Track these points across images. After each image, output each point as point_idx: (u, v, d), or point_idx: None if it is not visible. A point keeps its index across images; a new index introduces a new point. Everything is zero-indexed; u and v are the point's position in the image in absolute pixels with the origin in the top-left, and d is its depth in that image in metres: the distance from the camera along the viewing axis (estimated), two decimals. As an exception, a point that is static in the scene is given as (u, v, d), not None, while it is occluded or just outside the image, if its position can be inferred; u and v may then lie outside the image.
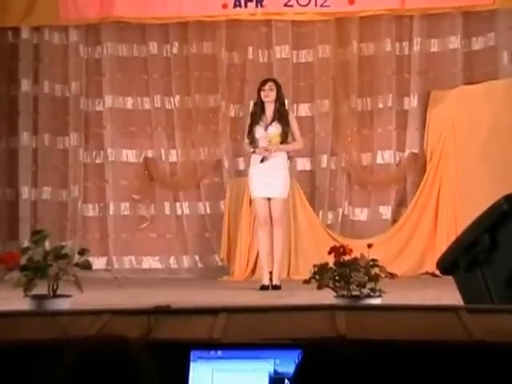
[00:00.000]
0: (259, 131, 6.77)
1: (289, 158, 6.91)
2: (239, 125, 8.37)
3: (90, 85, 8.45)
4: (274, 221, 6.73)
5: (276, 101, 6.81)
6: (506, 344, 2.86)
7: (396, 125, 8.25)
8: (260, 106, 6.84)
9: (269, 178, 6.67)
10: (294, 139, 6.84)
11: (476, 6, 7.99)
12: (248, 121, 6.90)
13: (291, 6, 8.08)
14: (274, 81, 7.01)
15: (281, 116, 6.77)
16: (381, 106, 8.26)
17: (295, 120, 6.98)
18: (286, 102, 8.21)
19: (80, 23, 8.35)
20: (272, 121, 6.76)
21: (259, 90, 6.85)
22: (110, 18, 8.25)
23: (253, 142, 6.77)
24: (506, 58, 8.04)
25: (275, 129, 6.74)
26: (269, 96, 6.80)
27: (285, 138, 6.75)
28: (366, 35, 8.26)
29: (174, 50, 8.41)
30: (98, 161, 8.45)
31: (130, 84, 8.45)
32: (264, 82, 6.90)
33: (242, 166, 8.37)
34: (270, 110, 6.80)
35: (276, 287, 6.56)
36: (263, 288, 6.57)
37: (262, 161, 6.70)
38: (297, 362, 2.08)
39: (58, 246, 4.96)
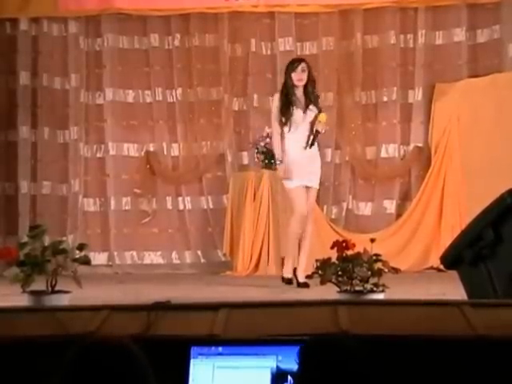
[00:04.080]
0: (299, 113, 6.30)
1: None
2: (242, 118, 8.33)
3: (91, 77, 8.39)
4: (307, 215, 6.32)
5: (307, 83, 6.35)
6: (509, 338, 2.83)
7: (400, 118, 8.20)
8: (291, 87, 6.35)
9: (310, 165, 6.29)
10: None
11: (481, -3, 7.95)
12: (277, 103, 6.44)
13: (294, -3, 8.05)
14: (305, 61, 6.53)
15: (313, 98, 6.36)
16: (385, 99, 8.21)
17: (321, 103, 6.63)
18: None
19: (80, 15, 8.30)
20: (307, 103, 6.31)
21: (289, 72, 6.37)
22: (110, 10, 8.20)
23: (288, 123, 6.30)
24: (511, 51, 7.98)
25: (314, 112, 6.31)
26: (302, 79, 6.33)
27: None
28: (370, 27, 8.21)
29: (176, 43, 8.35)
30: (98, 155, 8.40)
31: (131, 77, 8.39)
32: (296, 63, 6.42)
33: (245, 160, 8.32)
34: (300, 91, 6.37)
35: (305, 285, 6.03)
36: (289, 282, 6.23)
37: (311, 145, 6.24)
38: (299, 357, 2.04)
39: (57, 241, 4.91)
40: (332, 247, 4.77)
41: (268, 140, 7.65)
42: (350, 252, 4.66)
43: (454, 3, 8.07)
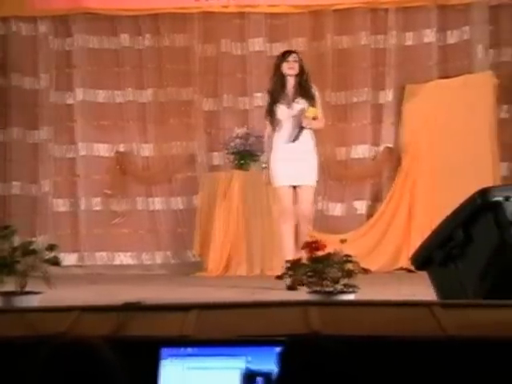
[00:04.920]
0: (282, 110, 6.18)
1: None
2: (213, 118, 8.32)
3: (60, 77, 8.33)
4: (301, 213, 6.15)
5: (298, 74, 6.22)
6: (479, 339, 2.85)
7: (371, 119, 8.23)
8: (280, 80, 6.24)
9: (296, 162, 6.07)
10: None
11: (451, -1, 8.01)
12: (266, 102, 6.39)
13: (265, -3, 8.05)
14: (297, 53, 6.48)
15: (304, 91, 6.18)
16: (356, 99, 8.24)
17: (319, 95, 6.46)
18: (260, 95, 8.25)
19: (49, 14, 8.24)
20: (295, 97, 6.18)
21: (280, 62, 6.27)
22: (79, 9, 8.14)
23: (273, 123, 6.18)
24: (481, 52, 8.06)
25: (301, 105, 6.15)
26: (294, 68, 6.20)
27: None
28: (340, 28, 8.23)
29: (146, 43, 8.32)
30: (69, 155, 8.34)
31: (102, 77, 8.34)
32: (287, 53, 6.34)
33: (216, 161, 8.31)
34: (290, 84, 6.24)
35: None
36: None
37: (294, 139, 6.09)
38: (278, 359, 2.04)
39: (27, 241, 4.88)
40: (303, 248, 4.78)
41: (238, 141, 7.65)
42: (320, 253, 4.67)
43: (424, 4, 8.12)
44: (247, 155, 7.66)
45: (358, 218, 8.14)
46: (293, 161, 6.10)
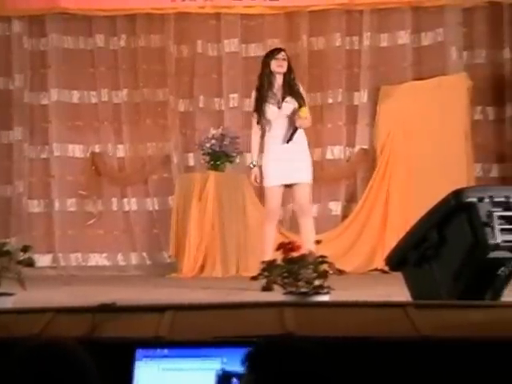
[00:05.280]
0: (272, 110, 6.09)
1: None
2: (188, 119, 8.31)
3: (35, 78, 8.27)
4: (302, 210, 6.12)
5: (286, 73, 6.13)
6: (453, 339, 2.87)
7: (346, 120, 8.25)
8: (268, 77, 6.13)
9: (292, 162, 6.01)
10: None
11: (424, 1, 8.05)
12: (253, 101, 6.27)
13: (240, -1, 8.05)
14: (285, 50, 6.41)
15: (292, 90, 6.11)
16: (331, 100, 8.26)
17: (305, 94, 6.40)
18: (236, 96, 8.26)
19: (23, 14, 8.17)
20: (284, 96, 6.09)
21: (269, 60, 6.16)
22: (54, 9, 8.08)
23: (261, 122, 6.11)
24: (455, 54, 8.12)
25: (291, 104, 6.08)
26: (282, 66, 6.10)
27: None
28: (315, 29, 8.25)
29: (122, 43, 8.28)
30: (43, 156, 8.29)
31: (76, 77, 8.30)
32: (276, 51, 6.26)
33: (191, 162, 8.30)
34: (279, 82, 6.15)
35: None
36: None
37: (288, 141, 6.02)
38: (247, 360, 2.04)
39: (0, 242, 4.83)
40: (277, 249, 4.77)
41: (214, 141, 7.64)
42: (295, 254, 4.67)
43: (399, 6, 8.16)
44: (222, 156, 7.65)
45: (333, 219, 8.16)
46: (287, 161, 6.04)
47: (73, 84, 8.29)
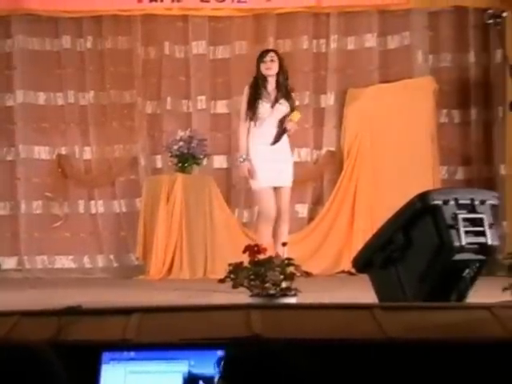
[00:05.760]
0: (265, 108, 6.04)
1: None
2: (156, 121, 8.28)
3: (0, 79, 8.18)
4: (281, 213, 6.04)
5: (278, 74, 6.11)
6: (419, 340, 2.89)
7: (313, 122, 8.28)
8: (261, 80, 6.10)
9: (277, 163, 6.00)
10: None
11: (391, 4, 8.10)
12: (245, 97, 6.21)
13: (208, 1, 8.02)
14: (275, 51, 6.40)
15: (286, 92, 6.10)
16: (298, 103, 8.23)
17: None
18: (203, 98, 8.24)
19: (-13, 15, 8.11)
20: (277, 97, 6.06)
21: (259, 63, 6.14)
22: (20, 10, 7.99)
23: (253, 118, 6.04)
24: (421, 57, 8.19)
25: (284, 107, 6.07)
26: (271, 68, 6.07)
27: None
28: (283, 32, 8.27)
29: (88, 45, 8.23)
30: (8, 158, 8.19)
31: (43, 79, 8.22)
32: (264, 53, 6.22)
33: (158, 164, 8.27)
34: (271, 84, 6.12)
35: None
36: None
37: (274, 142, 6.01)
38: (220, 363, 2.04)
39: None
40: (244, 251, 4.77)
41: (181, 144, 7.63)
42: (262, 256, 4.67)
43: (366, 9, 8.20)
44: (190, 158, 7.64)
45: (299, 221, 8.18)
46: (274, 162, 6.02)
47: (39, 85, 8.22)
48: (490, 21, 5.68)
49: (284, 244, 4.71)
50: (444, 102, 8.16)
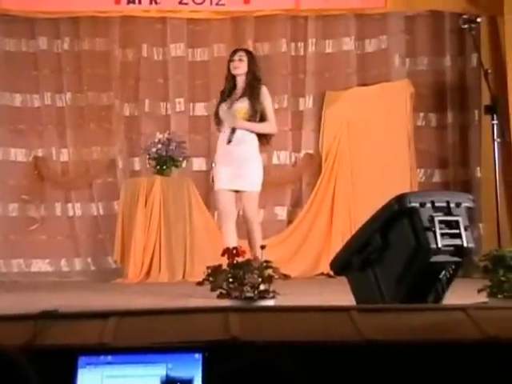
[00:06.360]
0: (222, 109, 5.92)
1: (262, 141, 5.97)
2: (134, 123, 8.25)
3: (-24, 81, 8.15)
4: (246, 219, 5.93)
5: (248, 73, 5.95)
6: (396, 342, 2.90)
7: (292, 125, 8.29)
8: (231, 80, 5.98)
9: (235, 168, 5.84)
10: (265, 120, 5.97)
11: (368, 8, 8.12)
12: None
13: (186, 3, 8.00)
14: (246, 50, 6.26)
15: (251, 90, 5.90)
16: (276, 106, 8.26)
17: (270, 98, 6.10)
18: (182, 100, 8.22)
19: (-37, 15, 8.05)
20: (240, 96, 5.91)
21: (228, 62, 6.03)
22: (-5, 11, 7.98)
23: (218, 122, 5.96)
24: (398, 60, 8.23)
25: (241, 104, 5.89)
26: (238, 67, 5.93)
27: (253, 115, 5.85)
28: (261, 35, 8.28)
29: (65, 46, 8.18)
30: (-16, 160, 8.16)
31: (19, 80, 8.16)
32: (234, 52, 6.09)
33: (137, 166, 8.24)
34: (240, 84, 5.97)
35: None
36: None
37: (228, 141, 5.82)
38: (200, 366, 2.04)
39: None
40: (223, 254, 4.77)
41: (160, 146, 7.61)
42: (240, 259, 4.67)
43: (343, 13, 8.22)
44: (169, 160, 7.62)
45: (278, 224, 8.18)
46: (232, 165, 5.88)
47: (15, 87, 8.16)
48: (466, 26, 5.73)
49: (262, 247, 4.70)
50: (421, 105, 8.20)
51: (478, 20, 5.83)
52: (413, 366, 2.86)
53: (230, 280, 4.56)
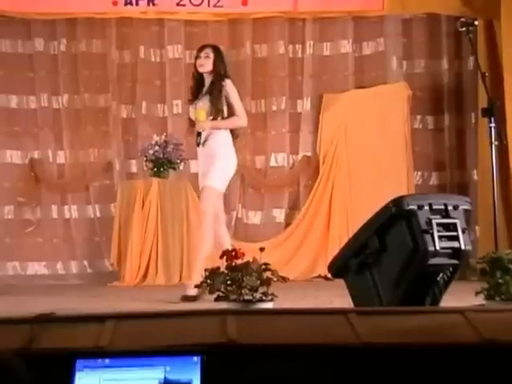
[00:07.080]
0: (191, 110, 5.78)
1: (233, 135, 5.78)
2: (131, 126, 8.24)
3: (-28, 82, 8.13)
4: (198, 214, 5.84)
5: (213, 71, 5.69)
6: (393, 345, 2.90)
7: (289, 127, 8.29)
8: (198, 79, 5.77)
9: (203, 168, 5.74)
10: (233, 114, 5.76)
11: (365, 11, 8.12)
12: None
13: (184, 5, 8.00)
14: (213, 46, 5.90)
15: (212, 88, 5.65)
16: (274, 108, 8.29)
17: (235, 90, 5.79)
18: (179, 102, 8.20)
19: (-41, 16, 8.03)
20: (203, 95, 5.72)
21: (195, 59, 5.84)
22: (-9, 12, 7.96)
23: (190, 124, 5.81)
24: (395, 63, 8.24)
25: (202, 103, 5.69)
26: (203, 65, 5.69)
27: (216, 113, 5.66)
28: (259, 37, 8.28)
29: (62, 48, 8.17)
30: (-20, 162, 8.14)
31: (15, 82, 8.15)
32: (200, 49, 5.82)
33: (133, 169, 8.23)
34: (207, 82, 5.75)
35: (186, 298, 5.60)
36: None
37: (197, 144, 5.67)
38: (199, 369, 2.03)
39: None
40: (221, 256, 4.75)
41: (157, 148, 7.60)
42: (239, 261, 4.66)
43: (341, 16, 8.23)
44: (166, 163, 7.62)
45: (276, 227, 8.18)
46: (201, 165, 5.80)
47: (11, 88, 8.14)
48: (463, 29, 5.75)
49: (261, 249, 4.68)
50: (418, 107, 8.21)
51: (475, 23, 5.84)
52: (410, 369, 2.85)
53: (228, 282, 4.55)
